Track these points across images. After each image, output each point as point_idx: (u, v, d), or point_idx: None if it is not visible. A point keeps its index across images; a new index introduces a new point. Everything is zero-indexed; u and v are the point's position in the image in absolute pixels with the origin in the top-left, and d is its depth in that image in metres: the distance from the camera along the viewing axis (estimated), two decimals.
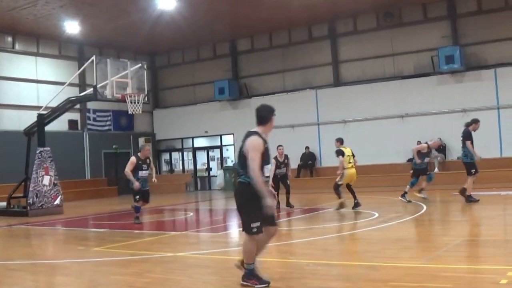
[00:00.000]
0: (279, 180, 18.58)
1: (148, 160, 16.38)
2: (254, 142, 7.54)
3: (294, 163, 29.77)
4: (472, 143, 16.65)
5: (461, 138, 16.97)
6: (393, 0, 28.43)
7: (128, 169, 15.89)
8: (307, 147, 31.05)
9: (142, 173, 16.16)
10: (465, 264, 8.68)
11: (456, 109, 27.50)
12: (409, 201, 17.74)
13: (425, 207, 16.49)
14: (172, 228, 16.33)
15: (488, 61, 27.68)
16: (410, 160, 27.80)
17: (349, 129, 28.83)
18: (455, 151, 26.91)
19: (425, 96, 28.33)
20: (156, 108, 37.90)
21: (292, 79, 32.92)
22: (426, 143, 18.54)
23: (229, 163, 35.01)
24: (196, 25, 29.52)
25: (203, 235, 14.39)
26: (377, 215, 14.97)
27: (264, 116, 7.88)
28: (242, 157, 7.57)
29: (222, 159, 35.84)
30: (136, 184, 15.77)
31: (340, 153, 16.92)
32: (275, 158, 18.23)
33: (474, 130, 16.92)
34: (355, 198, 16.96)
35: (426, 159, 18.45)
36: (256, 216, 7.45)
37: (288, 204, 18.63)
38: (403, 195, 18.10)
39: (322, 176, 29.50)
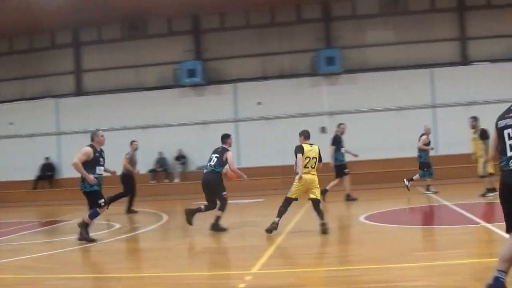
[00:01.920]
0: None
1: (103, 152, 12.52)
2: None
3: (30, 174, 28.69)
4: (339, 147, 18.14)
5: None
6: (138, 12, 28.54)
7: (78, 160, 11.71)
8: (46, 158, 29.87)
9: (101, 169, 12.15)
10: (206, 271, 8.87)
11: (197, 121, 28.34)
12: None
13: (165, 217, 16.66)
14: None
15: (228, 76, 28.90)
16: (153, 168, 28.09)
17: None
18: (194, 161, 27.78)
19: (167, 108, 28.77)
20: None
21: (32, 87, 31.51)
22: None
23: None
24: None
25: None
26: (118, 226, 14.82)
27: None
28: None
29: None
30: (91, 178, 11.66)
31: (299, 150, 12.06)
32: None
33: (342, 134, 18.42)
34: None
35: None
36: None
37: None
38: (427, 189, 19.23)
39: (63, 188, 28.60)
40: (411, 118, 26.44)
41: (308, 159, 11.89)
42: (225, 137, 13.35)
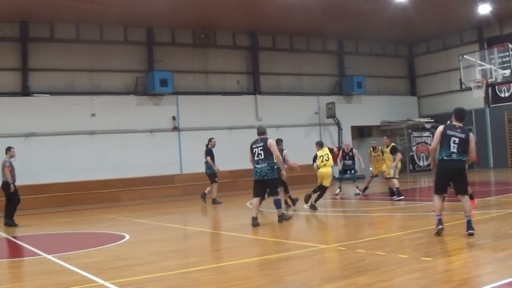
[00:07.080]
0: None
1: None
2: None
3: None
4: (212, 158, 22.02)
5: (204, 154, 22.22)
6: None
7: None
8: None
9: None
10: None
11: None
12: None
13: None
14: None
15: None
16: None
17: None
18: None
19: None
20: None
21: None
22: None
23: None
24: None
25: None
26: None
27: None
28: None
29: None
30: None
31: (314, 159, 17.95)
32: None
33: (213, 147, 22.24)
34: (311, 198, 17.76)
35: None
36: None
37: None
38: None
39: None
40: None
41: (321, 157, 17.35)
42: None
